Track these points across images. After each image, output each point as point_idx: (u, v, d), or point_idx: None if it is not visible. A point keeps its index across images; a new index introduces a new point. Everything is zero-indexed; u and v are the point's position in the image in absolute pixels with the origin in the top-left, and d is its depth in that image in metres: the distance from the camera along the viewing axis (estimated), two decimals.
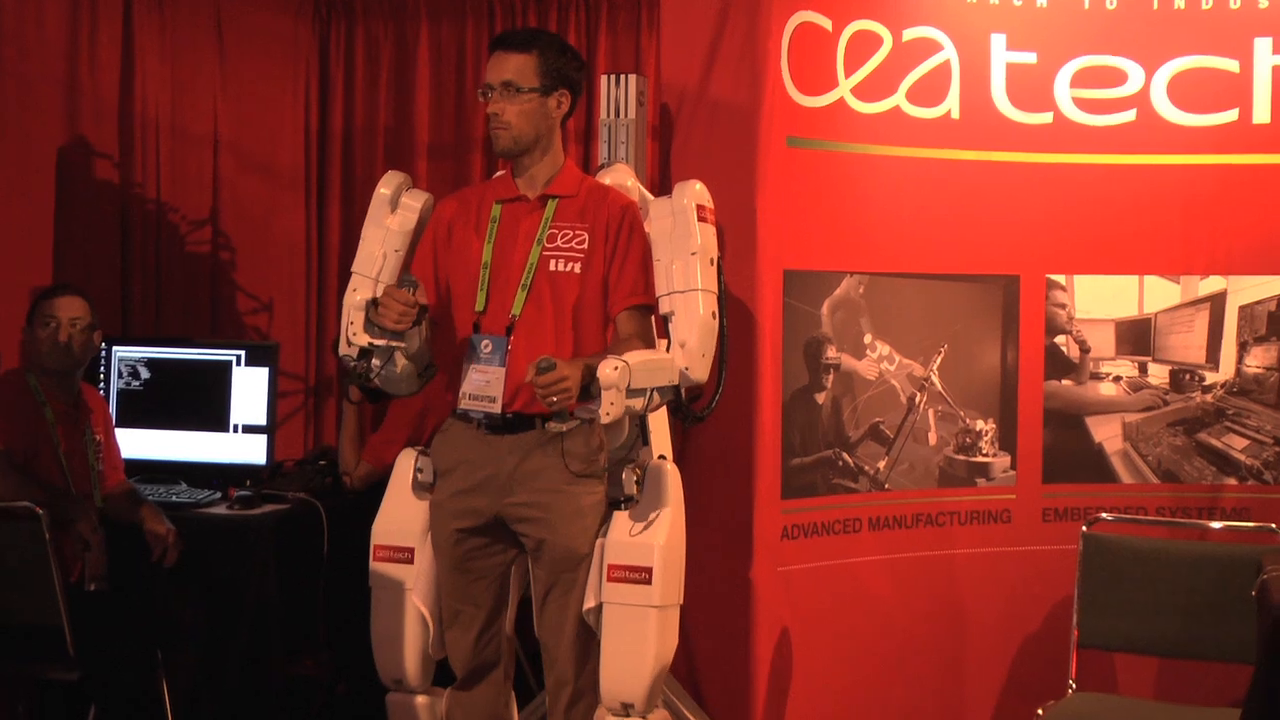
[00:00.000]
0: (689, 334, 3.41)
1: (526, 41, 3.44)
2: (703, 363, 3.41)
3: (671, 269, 3.46)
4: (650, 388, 3.30)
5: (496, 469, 3.43)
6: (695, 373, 3.41)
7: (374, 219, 3.60)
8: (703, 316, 3.43)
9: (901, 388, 4.51)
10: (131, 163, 5.17)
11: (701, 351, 3.41)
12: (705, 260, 3.47)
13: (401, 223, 3.59)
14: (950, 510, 4.54)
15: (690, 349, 3.39)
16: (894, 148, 4.41)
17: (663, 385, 3.33)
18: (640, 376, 3.26)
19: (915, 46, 4.43)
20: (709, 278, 3.46)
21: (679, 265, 3.45)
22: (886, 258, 4.45)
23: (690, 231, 3.48)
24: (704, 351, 3.41)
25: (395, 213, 3.60)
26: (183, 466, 4.67)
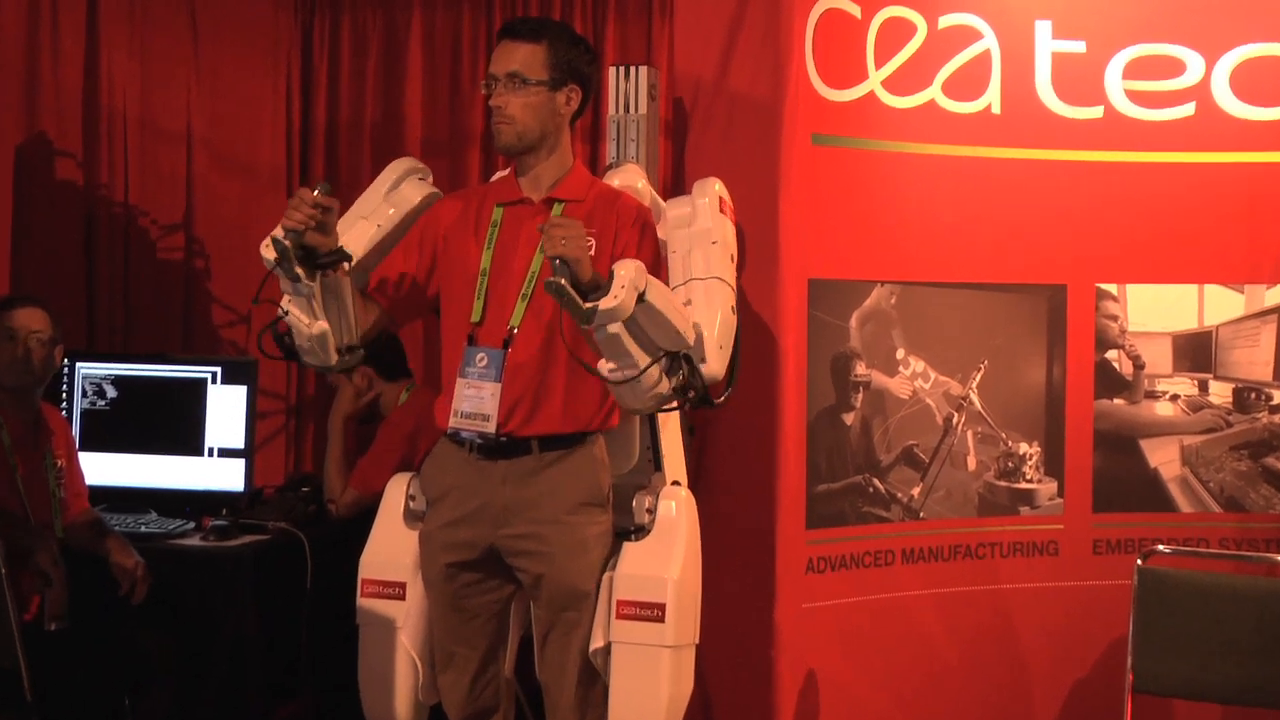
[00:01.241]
0: (708, 323, 3.35)
1: (536, 31, 3.47)
2: (720, 355, 3.34)
3: (690, 257, 3.45)
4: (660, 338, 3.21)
5: (490, 497, 3.44)
6: (711, 364, 3.32)
7: (374, 188, 3.66)
8: (723, 307, 3.39)
9: (937, 407, 4.53)
10: (97, 162, 5.20)
11: (719, 343, 3.35)
12: (725, 254, 3.47)
13: (397, 203, 3.63)
14: (991, 542, 4.55)
15: (708, 338, 3.33)
16: (929, 145, 4.43)
17: (671, 339, 3.23)
18: (656, 295, 3.16)
19: (952, 35, 4.45)
20: (729, 271, 3.46)
21: (699, 253, 3.44)
22: (920, 266, 4.46)
23: (711, 222, 3.49)
24: (721, 343, 3.35)
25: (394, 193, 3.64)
26: (153, 494, 4.69)
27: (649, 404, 3.28)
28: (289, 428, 5.47)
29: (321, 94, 5.50)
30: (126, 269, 5.28)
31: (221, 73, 5.43)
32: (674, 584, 3.45)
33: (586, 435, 3.47)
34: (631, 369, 3.19)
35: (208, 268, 5.42)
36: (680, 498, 3.60)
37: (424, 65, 5.42)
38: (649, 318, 3.17)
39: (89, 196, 5.20)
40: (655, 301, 3.16)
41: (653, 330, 3.20)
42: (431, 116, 5.42)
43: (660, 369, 3.22)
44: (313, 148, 5.51)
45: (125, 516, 4.50)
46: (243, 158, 5.44)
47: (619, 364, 3.19)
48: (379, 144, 5.42)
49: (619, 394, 3.28)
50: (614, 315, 3.11)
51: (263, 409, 5.12)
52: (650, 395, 3.25)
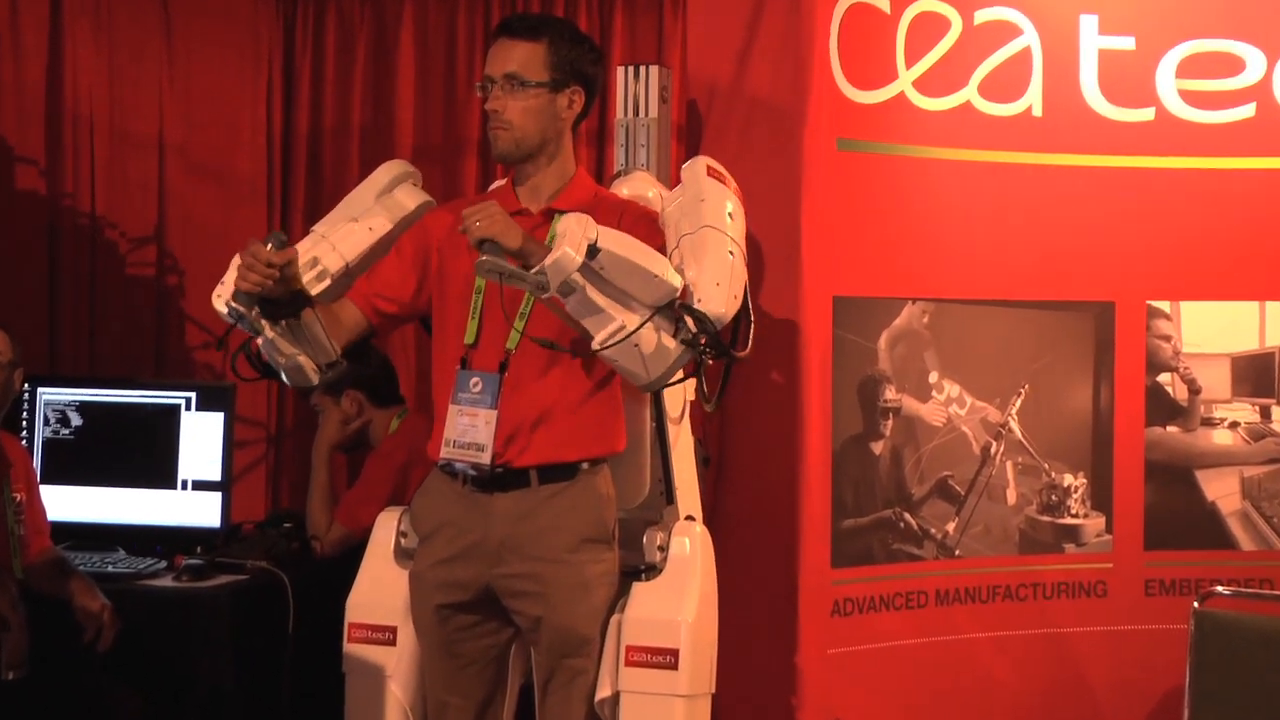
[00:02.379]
0: (699, 266, 3.30)
1: (535, 28, 3.47)
2: (719, 292, 3.26)
3: (679, 225, 3.42)
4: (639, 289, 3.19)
5: (485, 533, 3.45)
6: (710, 303, 3.25)
7: (363, 189, 3.68)
8: (714, 249, 3.33)
9: (974, 436, 4.54)
10: (61, 169, 5.23)
11: (714, 280, 3.28)
12: (715, 207, 3.41)
13: (390, 209, 3.66)
14: (1034, 582, 4.56)
15: (700, 280, 3.27)
16: (964, 151, 4.45)
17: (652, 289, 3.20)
18: (612, 241, 3.16)
19: (989, 31, 4.48)
20: (722, 220, 3.39)
21: (686, 218, 3.41)
22: (955, 282, 4.48)
23: (697, 186, 3.47)
24: (718, 280, 3.28)
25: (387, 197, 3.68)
26: (120, 530, 4.69)
27: (661, 370, 3.27)
28: (269, 458, 5.48)
29: (305, 96, 5.51)
30: (93, 286, 5.29)
31: (196, 72, 5.45)
32: (688, 628, 3.46)
33: (590, 464, 3.48)
34: (620, 331, 3.19)
35: (181, 284, 5.43)
36: (694, 534, 3.61)
37: (416, 65, 5.43)
38: (615, 267, 3.17)
39: (52, 207, 5.22)
40: (612, 247, 3.17)
41: (625, 281, 3.20)
42: (424, 121, 5.43)
43: (658, 327, 3.22)
44: (295, 154, 5.51)
45: (91, 555, 4.49)
46: (219, 165, 5.45)
47: (605, 329, 3.19)
48: (367, 150, 5.42)
49: (626, 370, 3.28)
50: (562, 268, 3.12)
51: (241, 438, 5.12)
52: (657, 358, 3.24)
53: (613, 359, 3.26)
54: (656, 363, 3.26)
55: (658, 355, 3.25)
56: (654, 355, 3.25)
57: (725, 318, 3.28)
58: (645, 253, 3.25)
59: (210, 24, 5.47)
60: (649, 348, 3.24)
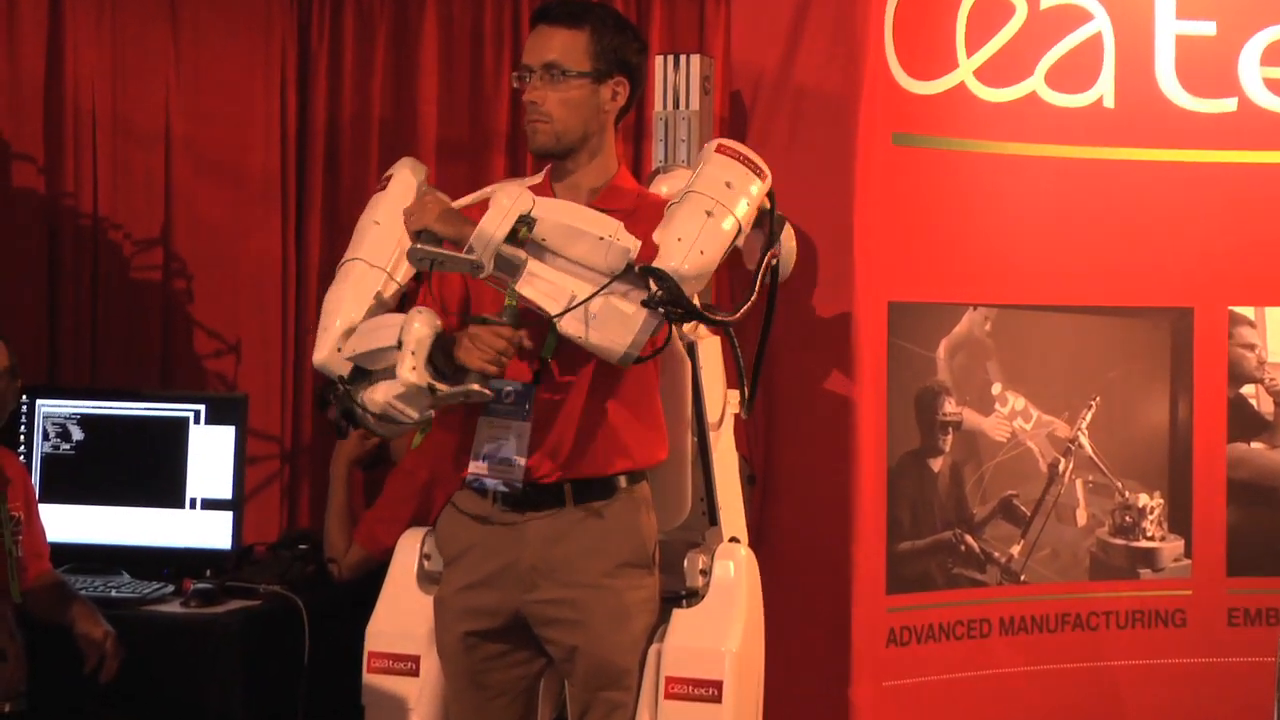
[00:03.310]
0: (664, 227, 3.28)
1: (577, 15, 3.48)
2: (678, 247, 3.22)
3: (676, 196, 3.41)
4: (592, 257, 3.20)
5: (515, 556, 3.46)
6: (667, 258, 3.21)
7: (395, 203, 3.61)
8: (686, 210, 3.29)
9: (1041, 452, 4.54)
10: (60, 166, 5.24)
11: (676, 235, 3.25)
12: (710, 176, 3.36)
13: None
14: (1105, 610, 4.56)
15: (663, 237, 3.25)
16: (1030, 145, 4.45)
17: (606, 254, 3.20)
18: (551, 209, 3.19)
19: (1057, 15, 4.48)
20: (708, 183, 3.34)
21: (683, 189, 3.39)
22: (1020, 286, 4.49)
23: (700, 161, 3.44)
24: (679, 235, 3.24)
25: None
26: (125, 552, 4.71)
27: (628, 338, 3.24)
28: (284, 475, 5.47)
29: (321, 87, 5.49)
30: (95, 290, 5.29)
31: (205, 62, 5.44)
32: (733, 658, 3.47)
33: (629, 479, 3.49)
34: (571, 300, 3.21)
35: (190, 289, 5.43)
36: (739, 557, 3.61)
37: (440, 54, 5.42)
38: (558, 235, 3.20)
39: (51, 206, 5.23)
40: (552, 215, 3.20)
41: (575, 250, 3.21)
42: (449, 114, 5.43)
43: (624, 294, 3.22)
44: (311, 151, 5.49)
45: (93, 579, 4.52)
46: (230, 161, 5.44)
47: (557, 302, 3.21)
48: (388, 146, 5.40)
49: (593, 346, 3.26)
50: (484, 239, 3.17)
51: (253, 453, 5.12)
52: (620, 326, 3.23)
53: (575, 335, 3.25)
54: (620, 331, 3.24)
55: (620, 322, 3.23)
56: (616, 323, 3.23)
57: (684, 272, 3.21)
58: (594, 218, 3.26)
59: (220, 10, 5.46)
60: (609, 316, 3.22)
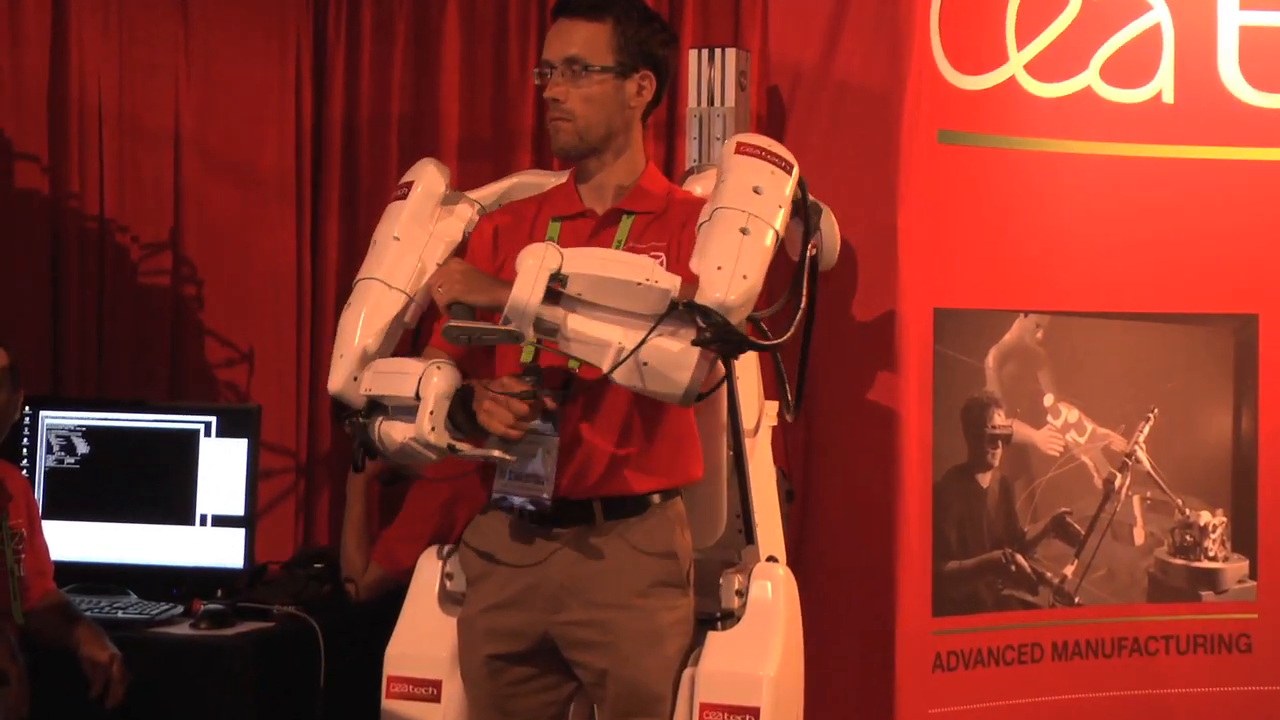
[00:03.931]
0: (702, 252, 3.25)
1: (598, 6, 3.48)
2: (718, 276, 3.19)
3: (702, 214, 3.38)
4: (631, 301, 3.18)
5: (543, 575, 3.46)
6: (710, 289, 3.18)
7: (415, 216, 3.63)
8: (720, 231, 3.27)
9: (1096, 467, 4.53)
10: (66, 166, 5.26)
11: (715, 264, 3.22)
12: (737, 185, 3.35)
13: (448, 231, 3.66)
14: (1165, 634, 4.54)
15: (701, 268, 3.22)
16: (1084, 143, 4.45)
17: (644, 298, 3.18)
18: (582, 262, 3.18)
19: (1113, 6, 4.48)
20: (737, 195, 3.33)
21: (708, 206, 3.36)
22: (1074, 292, 4.48)
23: (723, 170, 3.42)
24: (718, 263, 3.22)
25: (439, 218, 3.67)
26: (132, 571, 4.73)
27: (686, 379, 3.22)
28: (299, 490, 5.48)
29: (338, 84, 5.51)
30: (101, 296, 5.32)
31: (217, 58, 5.46)
32: (770, 683, 3.47)
33: (663, 496, 3.49)
34: (620, 353, 3.19)
35: (200, 295, 5.45)
36: (777, 577, 3.61)
37: (462, 48, 5.43)
38: (594, 288, 3.18)
39: (55, 208, 5.25)
40: (583, 268, 3.18)
41: (613, 299, 3.20)
42: (471, 111, 5.44)
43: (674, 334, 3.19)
44: (327, 150, 5.51)
45: (99, 599, 4.53)
46: (243, 161, 5.46)
47: (605, 357, 3.20)
48: (408, 145, 5.41)
49: (653, 393, 3.25)
50: (520, 310, 3.15)
51: (267, 467, 5.14)
52: (676, 368, 3.20)
53: (633, 385, 3.25)
54: (677, 373, 3.22)
55: (674, 364, 3.21)
56: (670, 366, 3.21)
57: (729, 304, 3.19)
58: (625, 262, 3.25)
59: (232, 4, 5.48)
60: (662, 360, 3.20)
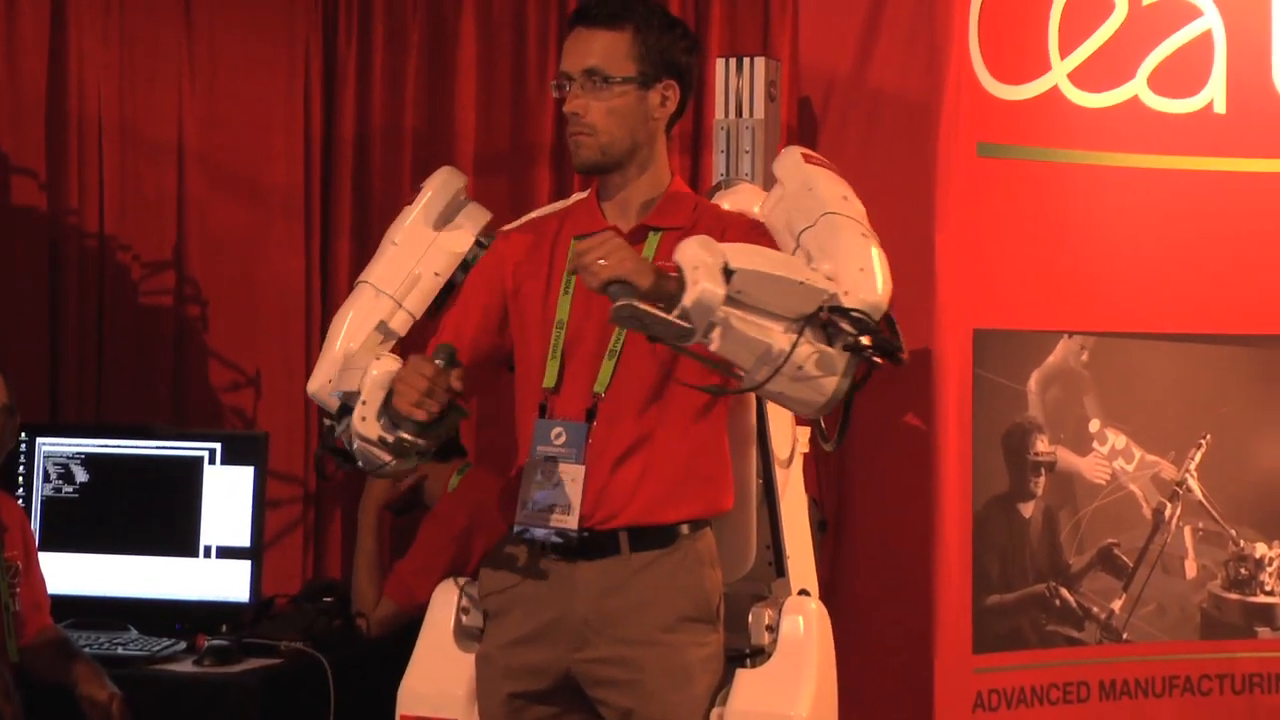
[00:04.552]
0: (830, 260, 3.27)
1: (617, 15, 3.48)
2: (863, 278, 3.23)
3: (793, 218, 3.41)
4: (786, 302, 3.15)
5: (566, 610, 3.45)
6: (860, 291, 3.21)
7: (417, 223, 3.68)
8: (845, 233, 3.32)
9: (1145, 496, 4.53)
10: (64, 181, 5.28)
11: (856, 265, 3.25)
12: (829, 193, 3.40)
13: (453, 242, 3.69)
14: (1219, 673, 4.53)
15: (840, 271, 3.24)
16: (1131, 155, 4.45)
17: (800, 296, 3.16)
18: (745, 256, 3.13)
19: (1162, 11, 4.48)
20: (837, 201, 3.38)
21: (797, 212, 3.41)
22: (1121, 311, 4.48)
23: (800, 175, 3.46)
24: (860, 265, 3.25)
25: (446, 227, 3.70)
26: (133, 605, 4.74)
27: (832, 388, 3.20)
28: (307, 520, 5.48)
29: (349, 95, 5.52)
30: (100, 317, 5.33)
31: (222, 67, 5.48)
32: None
33: (691, 527, 3.47)
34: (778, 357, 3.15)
35: (204, 315, 5.46)
36: (810, 612, 3.61)
37: (479, 58, 5.44)
38: (755, 286, 3.13)
39: (53, 225, 5.27)
40: (747, 264, 3.13)
41: (769, 299, 3.16)
42: (488, 124, 5.44)
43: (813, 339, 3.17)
44: (338, 164, 5.52)
45: (98, 635, 4.53)
46: (249, 176, 5.47)
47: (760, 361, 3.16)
48: (421, 159, 5.41)
49: (792, 401, 3.25)
50: (706, 306, 3.08)
51: (274, 496, 5.15)
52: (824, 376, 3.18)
53: (778, 392, 3.23)
54: (828, 379, 3.20)
55: (829, 369, 3.19)
56: (826, 370, 3.19)
57: (879, 304, 3.23)
58: (782, 260, 3.24)
59: (238, 11, 5.50)
60: (812, 366, 3.18)
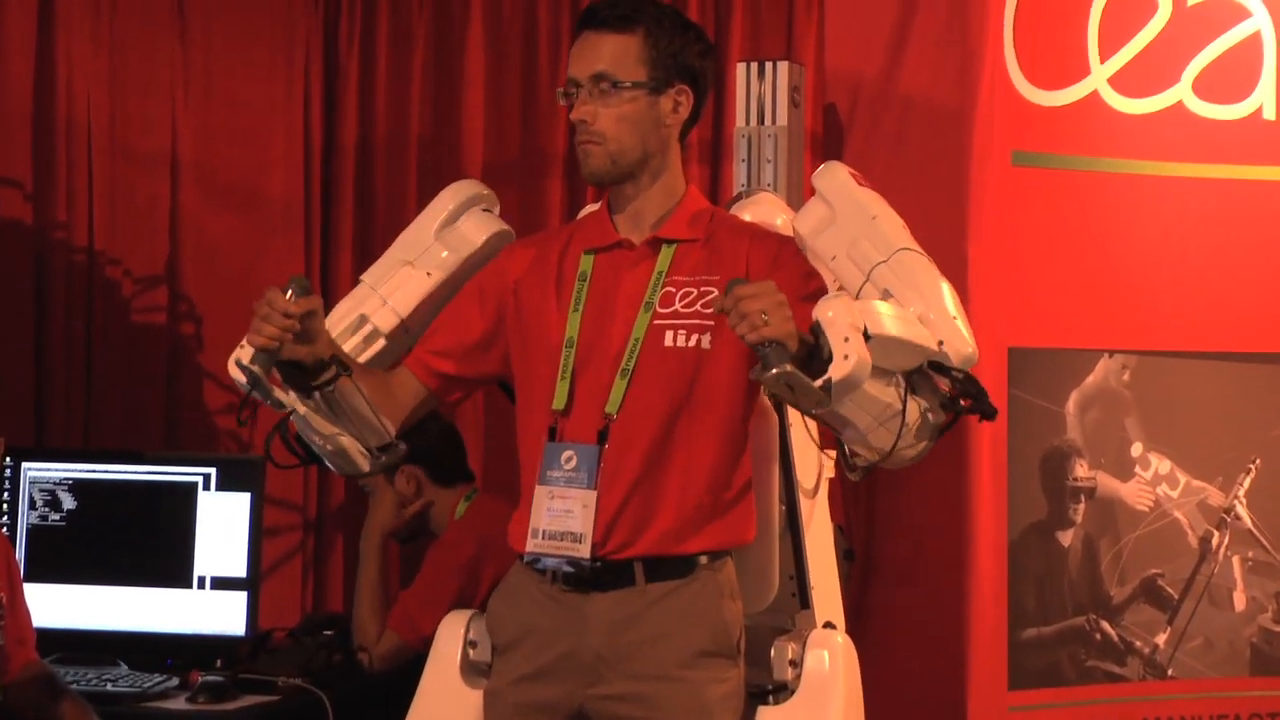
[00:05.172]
0: (929, 302, 3.30)
1: (627, 17, 3.48)
2: (955, 328, 3.28)
3: (857, 247, 3.41)
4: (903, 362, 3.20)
5: (578, 643, 3.45)
6: (959, 343, 3.26)
7: (420, 225, 3.72)
8: (927, 276, 3.35)
9: (1191, 524, 4.51)
10: (52, 193, 5.29)
11: (952, 313, 3.30)
12: (893, 223, 3.43)
13: (454, 243, 3.70)
14: (1270, 711, 4.52)
15: (935, 318, 3.28)
16: (1174, 164, 4.44)
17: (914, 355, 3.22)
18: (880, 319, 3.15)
19: (1208, 13, 4.47)
20: (907, 236, 3.42)
21: (864, 240, 3.40)
22: (1164, 329, 4.47)
23: (860, 199, 3.46)
24: (955, 313, 3.30)
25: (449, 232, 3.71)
26: (123, 639, 4.75)
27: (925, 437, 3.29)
28: (307, 550, 5.49)
29: (351, 101, 5.54)
30: (89, 336, 5.34)
31: (217, 74, 5.49)
32: None
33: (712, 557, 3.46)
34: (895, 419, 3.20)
35: (199, 334, 5.47)
36: (835, 646, 3.60)
37: (488, 63, 5.45)
38: (886, 350, 3.17)
39: (40, 240, 5.28)
40: (887, 328, 3.16)
41: (891, 361, 3.21)
42: (497, 132, 5.45)
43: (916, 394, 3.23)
44: (339, 174, 5.53)
45: (86, 671, 4.54)
46: (246, 187, 5.48)
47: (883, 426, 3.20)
48: (427, 169, 5.43)
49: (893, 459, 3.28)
50: (855, 381, 3.10)
51: (271, 524, 5.15)
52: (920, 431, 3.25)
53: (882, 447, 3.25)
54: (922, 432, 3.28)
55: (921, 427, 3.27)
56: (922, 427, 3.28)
57: (976, 357, 3.29)
58: (910, 322, 3.25)
59: (235, 14, 5.51)
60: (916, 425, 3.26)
